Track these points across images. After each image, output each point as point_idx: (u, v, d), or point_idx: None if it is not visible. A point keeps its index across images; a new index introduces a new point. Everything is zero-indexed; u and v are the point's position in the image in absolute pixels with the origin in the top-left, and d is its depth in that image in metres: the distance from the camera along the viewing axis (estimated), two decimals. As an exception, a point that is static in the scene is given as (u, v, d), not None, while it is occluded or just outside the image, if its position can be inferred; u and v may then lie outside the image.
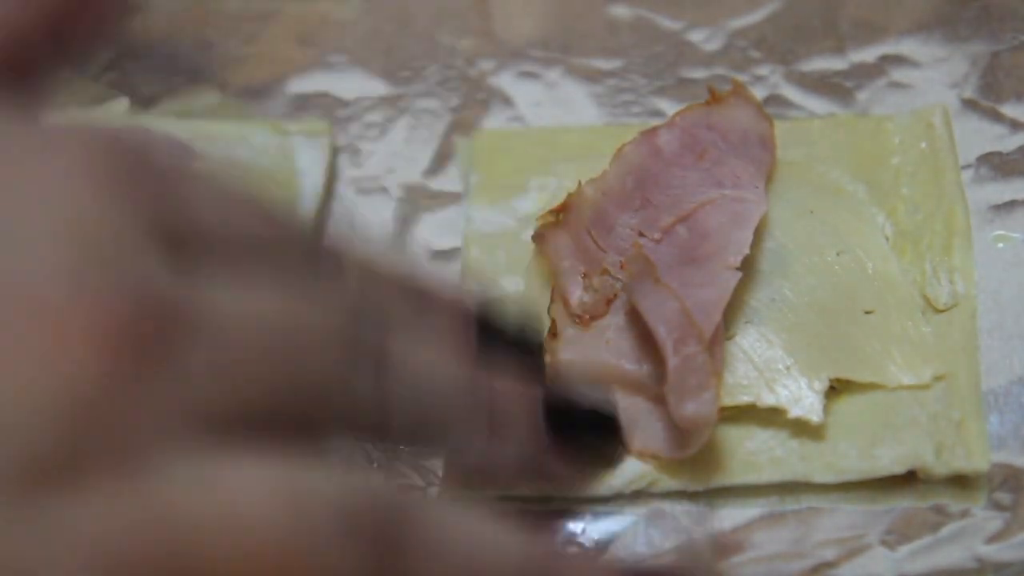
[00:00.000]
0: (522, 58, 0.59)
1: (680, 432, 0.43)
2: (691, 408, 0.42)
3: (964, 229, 0.49)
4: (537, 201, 0.52)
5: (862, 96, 0.55)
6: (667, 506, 0.44)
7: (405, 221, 0.54)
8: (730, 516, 0.44)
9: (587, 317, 0.46)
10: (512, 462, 0.38)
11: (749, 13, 0.59)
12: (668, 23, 0.59)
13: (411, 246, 0.53)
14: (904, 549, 0.42)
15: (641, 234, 0.47)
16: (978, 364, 0.45)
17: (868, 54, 0.56)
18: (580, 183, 0.49)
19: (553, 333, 0.46)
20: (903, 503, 0.43)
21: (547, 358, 0.46)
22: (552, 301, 0.47)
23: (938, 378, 0.45)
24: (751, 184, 0.48)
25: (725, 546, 0.43)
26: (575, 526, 0.44)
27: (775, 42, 0.57)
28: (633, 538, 0.44)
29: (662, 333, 0.43)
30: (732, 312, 0.46)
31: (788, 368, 0.45)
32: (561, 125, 0.56)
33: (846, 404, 0.45)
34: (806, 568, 0.42)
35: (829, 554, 0.42)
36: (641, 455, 0.44)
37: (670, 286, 0.44)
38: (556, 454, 0.38)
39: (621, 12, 0.59)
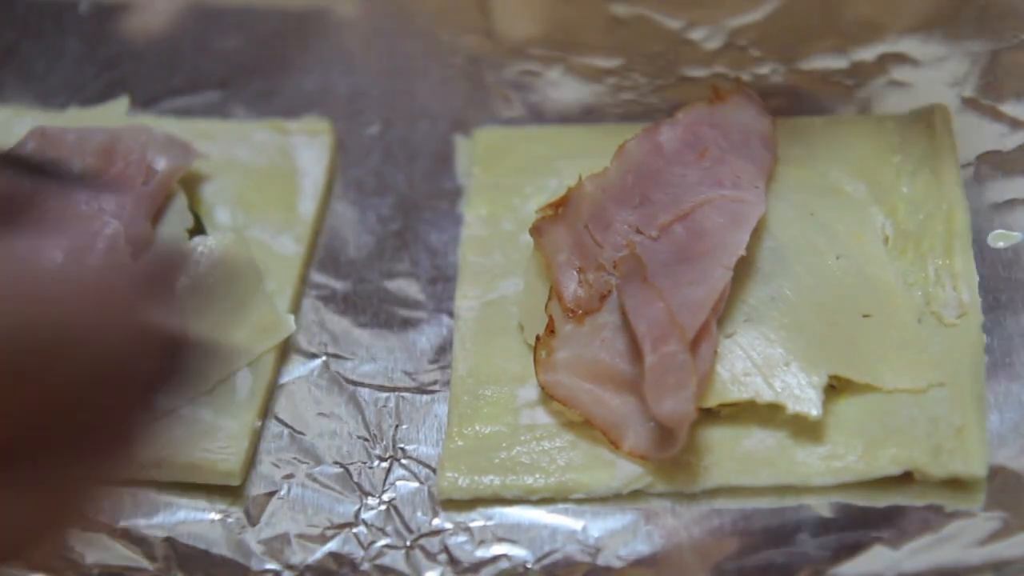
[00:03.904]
0: (523, 57, 0.59)
1: (663, 432, 0.43)
2: (668, 405, 0.42)
3: (964, 231, 0.49)
4: (537, 200, 0.52)
5: (862, 95, 0.55)
6: (666, 503, 0.44)
7: (406, 219, 0.54)
8: (729, 513, 0.44)
9: (580, 312, 0.46)
10: None
11: (749, 12, 0.59)
12: (668, 22, 0.59)
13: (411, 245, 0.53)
14: (905, 547, 0.42)
15: (639, 231, 0.47)
16: (983, 373, 0.45)
17: (868, 53, 0.56)
18: (581, 178, 0.49)
19: (551, 330, 0.46)
20: (901, 502, 0.43)
21: (543, 354, 0.46)
22: (550, 299, 0.47)
23: (935, 386, 0.45)
24: (751, 184, 0.48)
25: (724, 544, 0.43)
26: (575, 524, 0.44)
27: (775, 41, 0.57)
28: (632, 535, 0.44)
29: (642, 331, 0.43)
30: (732, 310, 0.46)
31: (787, 364, 0.45)
32: (561, 124, 0.56)
33: (845, 405, 0.45)
34: (807, 565, 0.42)
35: (830, 552, 0.42)
36: (631, 456, 0.44)
37: (656, 286, 0.44)
38: None
39: (621, 11, 0.59)
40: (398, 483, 0.46)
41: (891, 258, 0.48)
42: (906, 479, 0.43)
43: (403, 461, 0.47)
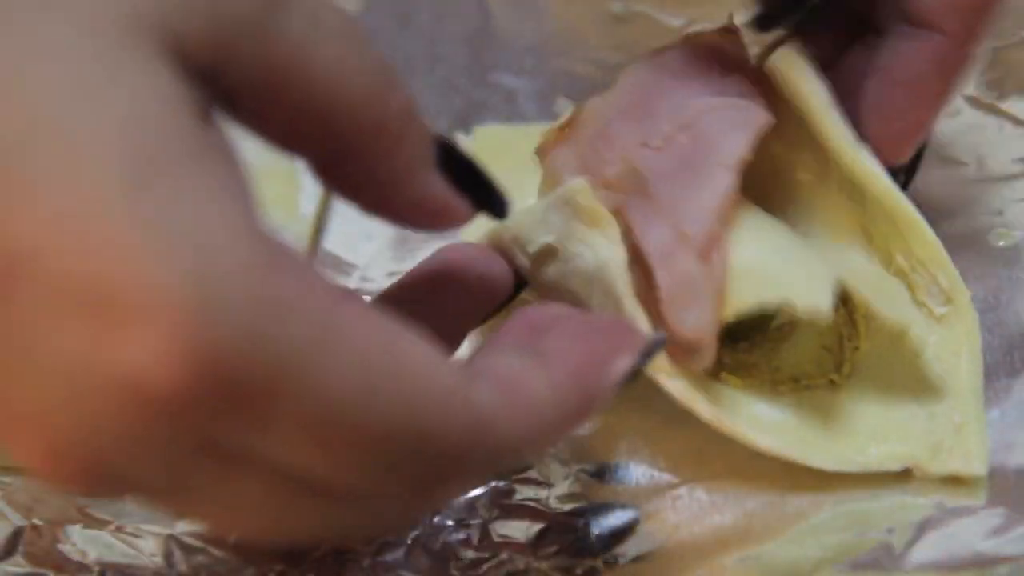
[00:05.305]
0: (523, 55, 0.59)
1: (686, 346, 0.42)
2: (688, 321, 0.41)
3: (893, 202, 0.45)
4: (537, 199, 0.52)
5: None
6: (668, 502, 0.44)
7: (406, 218, 0.54)
8: (731, 509, 0.44)
9: None
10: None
11: (750, 10, 0.58)
12: (669, 20, 0.59)
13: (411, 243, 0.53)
14: (906, 544, 0.42)
15: (644, 144, 0.45)
16: (980, 368, 0.45)
17: (869, 51, 0.56)
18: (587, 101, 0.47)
19: None
20: (902, 498, 0.43)
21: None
22: None
23: (939, 390, 0.44)
24: (752, 95, 0.46)
25: (725, 541, 0.43)
26: (576, 521, 0.44)
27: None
28: (633, 532, 0.44)
29: (650, 251, 0.42)
30: (735, 222, 0.44)
31: (796, 267, 0.43)
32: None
33: (846, 401, 0.45)
34: (807, 562, 0.42)
35: (830, 548, 0.42)
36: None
37: (659, 200, 0.43)
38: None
39: (622, 9, 0.60)
40: (400, 480, 0.46)
41: (867, 251, 0.47)
42: (907, 475, 0.44)
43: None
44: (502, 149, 0.55)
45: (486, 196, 0.38)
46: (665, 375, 0.42)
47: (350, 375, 0.28)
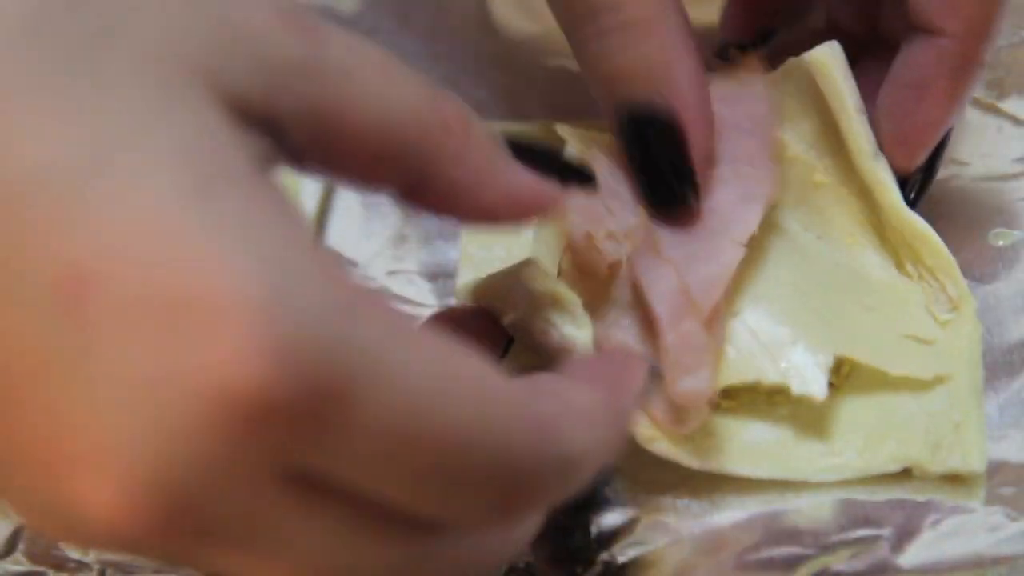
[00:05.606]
0: (523, 55, 0.59)
1: (679, 408, 0.42)
2: (687, 385, 0.41)
3: (899, 214, 0.46)
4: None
5: (862, 92, 0.55)
6: (668, 502, 0.44)
7: (406, 217, 0.54)
8: (730, 511, 0.44)
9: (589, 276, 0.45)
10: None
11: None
12: (669, 19, 0.59)
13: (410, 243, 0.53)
14: (905, 543, 0.42)
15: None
16: (979, 368, 0.45)
17: (869, 51, 0.56)
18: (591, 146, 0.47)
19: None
20: (901, 497, 0.43)
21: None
22: (559, 274, 0.46)
23: (939, 379, 0.45)
24: (763, 162, 0.46)
25: (724, 541, 0.43)
26: (576, 520, 0.44)
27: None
28: (633, 532, 0.44)
29: (659, 309, 0.42)
30: (738, 289, 0.45)
31: (793, 344, 0.44)
32: (561, 121, 0.56)
33: (843, 402, 0.45)
34: (806, 563, 0.42)
35: (830, 549, 0.42)
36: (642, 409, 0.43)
37: (671, 260, 0.43)
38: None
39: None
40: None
41: (880, 254, 0.47)
42: (906, 475, 0.44)
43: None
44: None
45: (569, 172, 0.38)
46: (645, 441, 0.43)
47: (425, 374, 0.28)
